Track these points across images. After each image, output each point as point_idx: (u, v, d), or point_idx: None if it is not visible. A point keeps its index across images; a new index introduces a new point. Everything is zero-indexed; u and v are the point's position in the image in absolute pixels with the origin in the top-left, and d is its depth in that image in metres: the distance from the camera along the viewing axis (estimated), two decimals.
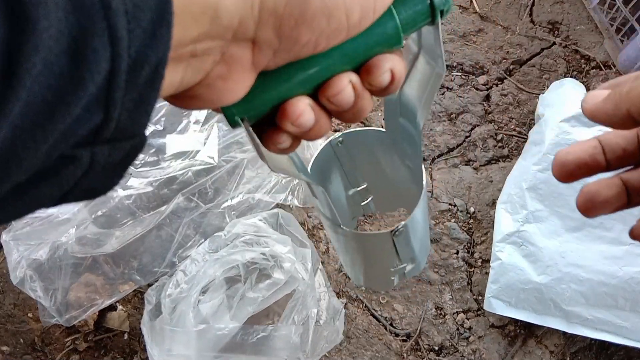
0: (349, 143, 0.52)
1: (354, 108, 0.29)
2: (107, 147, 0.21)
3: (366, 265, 0.55)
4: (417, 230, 0.50)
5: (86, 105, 0.19)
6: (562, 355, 1.08)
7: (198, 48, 0.22)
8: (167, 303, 0.91)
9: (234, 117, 0.28)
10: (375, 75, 0.28)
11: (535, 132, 1.14)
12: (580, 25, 1.36)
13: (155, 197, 1.06)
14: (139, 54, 0.19)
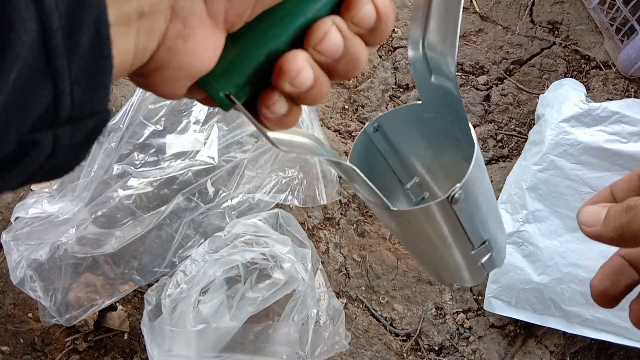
0: (386, 128, 0.45)
1: (346, 55, 0.26)
2: (68, 128, 0.20)
3: (439, 252, 0.45)
4: (480, 196, 0.41)
5: (25, 73, 0.17)
6: (562, 355, 1.08)
7: (143, 4, 0.20)
8: (167, 303, 0.91)
9: (219, 94, 0.25)
10: (356, 10, 0.25)
11: (535, 132, 1.14)
12: (580, 25, 1.36)
13: (155, 197, 1.06)
14: (70, 14, 0.18)
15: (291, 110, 0.27)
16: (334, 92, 1.30)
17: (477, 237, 0.42)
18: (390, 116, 0.44)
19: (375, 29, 0.26)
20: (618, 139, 1.05)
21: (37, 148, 0.19)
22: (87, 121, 0.20)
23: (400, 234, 0.45)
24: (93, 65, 0.19)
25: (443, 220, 0.39)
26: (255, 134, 1.12)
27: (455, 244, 0.43)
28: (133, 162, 1.06)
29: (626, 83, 1.28)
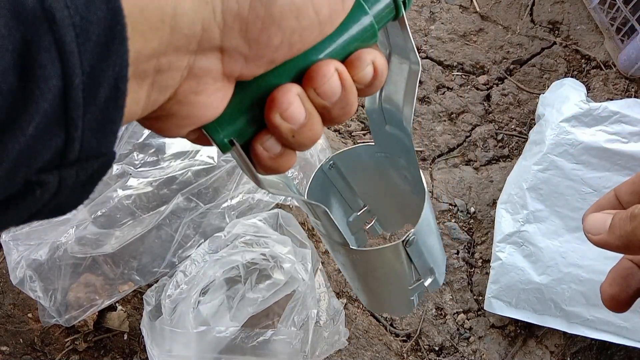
0: (341, 165, 0.49)
1: (341, 101, 0.27)
2: (74, 169, 0.20)
3: (382, 287, 0.50)
4: (429, 236, 0.46)
5: (42, 124, 0.18)
6: (563, 355, 1.08)
7: (162, 62, 0.21)
8: (167, 304, 0.91)
9: (223, 140, 0.26)
10: (358, 69, 0.27)
11: (536, 132, 1.14)
12: (581, 25, 1.36)
13: (154, 197, 1.06)
14: (93, 69, 0.18)
15: (284, 154, 0.28)
16: None
17: (424, 268, 0.47)
18: (345, 155, 0.49)
19: (370, 85, 0.28)
20: (618, 139, 1.05)
21: (42, 188, 0.20)
22: (93, 162, 0.21)
23: (353, 272, 0.48)
24: (106, 115, 0.20)
25: (396, 259, 0.44)
26: None
27: (404, 277, 0.47)
28: (132, 162, 1.06)
29: (626, 83, 1.28)
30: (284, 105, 0.25)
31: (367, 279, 0.48)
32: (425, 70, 1.32)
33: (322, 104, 0.27)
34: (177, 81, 0.22)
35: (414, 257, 0.44)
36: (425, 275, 0.48)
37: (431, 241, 0.47)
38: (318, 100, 0.26)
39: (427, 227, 0.45)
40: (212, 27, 0.21)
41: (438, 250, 0.51)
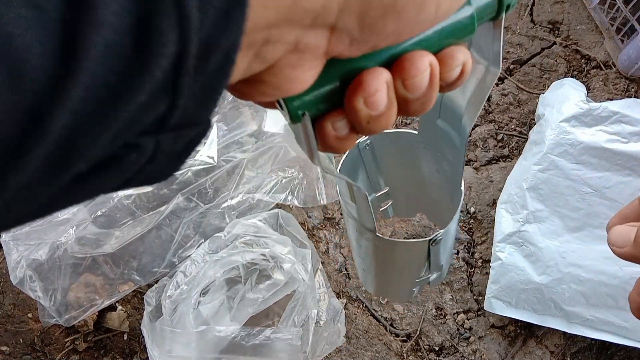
0: (376, 145, 0.49)
1: (424, 96, 0.25)
2: (172, 135, 0.20)
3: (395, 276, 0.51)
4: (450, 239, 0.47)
5: (152, 91, 0.18)
6: (563, 355, 1.08)
7: (273, 34, 0.20)
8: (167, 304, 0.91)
9: (297, 112, 0.25)
10: (449, 67, 0.26)
11: (536, 132, 1.14)
12: (581, 25, 1.36)
13: (154, 197, 1.06)
14: (209, 38, 0.18)
15: (349, 137, 0.27)
16: None
17: (436, 265, 0.48)
18: (384, 136, 0.48)
19: (451, 84, 0.27)
20: (618, 139, 1.05)
21: (139, 152, 0.19)
22: (190, 130, 0.20)
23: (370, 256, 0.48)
24: (211, 83, 0.19)
25: (417, 254, 0.45)
26: (254, 134, 1.11)
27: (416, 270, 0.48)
28: (195, 148, 1.06)
29: (626, 83, 1.28)
30: (371, 90, 0.24)
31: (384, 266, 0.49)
32: None
33: (404, 96, 0.25)
34: (281, 54, 0.21)
35: (433, 254, 0.45)
36: (434, 271, 0.49)
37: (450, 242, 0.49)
38: (402, 91, 0.25)
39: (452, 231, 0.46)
40: (332, 5, 0.20)
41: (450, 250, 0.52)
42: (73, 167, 0.18)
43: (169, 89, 0.18)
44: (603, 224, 1.05)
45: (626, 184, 1.04)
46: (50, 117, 0.16)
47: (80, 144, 0.17)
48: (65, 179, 0.18)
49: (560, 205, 1.07)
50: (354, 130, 0.26)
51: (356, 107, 0.25)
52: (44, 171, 0.17)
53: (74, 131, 0.16)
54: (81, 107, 0.16)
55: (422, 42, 0.25)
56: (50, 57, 0.15)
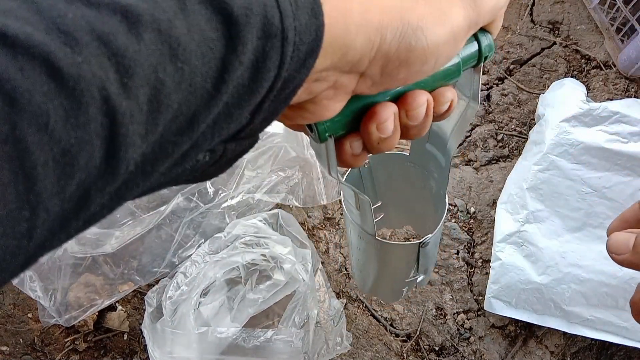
0: (373, 164, 0.57)
1: (421, 124, 0.33)
2: (235, 143, 0.26)
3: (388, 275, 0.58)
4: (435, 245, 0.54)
5: (249, 110, 0.23)
6: (563, 355, 1.08)
7: (322, 75, 0.27)
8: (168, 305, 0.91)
9: (326, 134, 0.32)
10: (440, 103, 0.33)
11: (536, 132, 1.14)
12: (581, 25, 1.36)
13: (154, 197, 1.06)
14: (290, 76, 0.24)
15: (361, 155, 0.34)
16: None
17: (423, 267, 0.55)
18: (380, 157, 0.56)
19: (442, 116, 0.34)
20: (618, 139, 1.05)
21: (212, 154, 0.25)
22: (246, 141, 0.26)
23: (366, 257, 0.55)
24: (278, 108, 0.25)
25: (408, 256, 0.52)
26: None
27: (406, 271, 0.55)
28: None
29: (626, 83, 1.28)
30: (382, 118, 0.31)
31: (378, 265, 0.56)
32: None
33: (406, 123, 0.33)
34: (323, 89, 0.28)
35: (421, 256, 0.52)
36: (421, 272, 0.56)
37: (435, 249, 0.56)
38: (405, 120, 0.33)
39: (438, 236, 0.53)
40: (365, 58, 0.27)
41: (434, 256, 0.60)
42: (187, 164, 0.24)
43: (253, 108, 0.24)
44: (603, 224, 1.05)
45: (626, 184, 1.04)
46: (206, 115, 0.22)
47: (205, 140, 0.23)
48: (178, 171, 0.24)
49: (560, 205, 1.07)
50: (365, 150, 0.34)
51: (370, 131, 0.32)
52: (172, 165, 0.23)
53: (206, 134, 0.23)
54: (214, 120, 0.22)
55: (421, 84, 0.33)
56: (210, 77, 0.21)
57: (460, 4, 0.30)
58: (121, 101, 0.19)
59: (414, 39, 0.28)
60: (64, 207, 0.19)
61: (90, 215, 0.20)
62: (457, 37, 0.30)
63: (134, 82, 0.19)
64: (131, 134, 0.19)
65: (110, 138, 0.19)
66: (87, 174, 0.19)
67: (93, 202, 0.20)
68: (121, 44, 0.19)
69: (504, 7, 0.34)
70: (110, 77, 0.19)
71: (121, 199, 0.21)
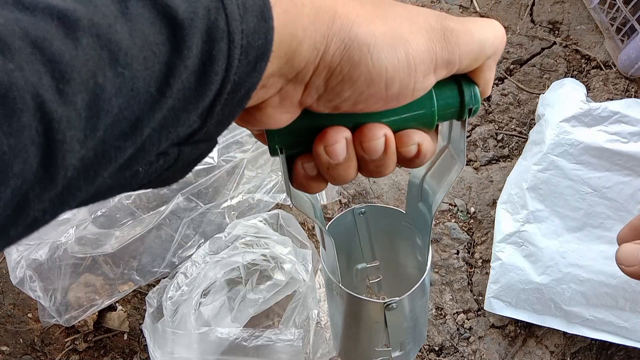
0: (370, 216, 0.53)
1: (378, 161, 0.31)
2: (190, 147, 0.25)
3: (352, 335, 0.54)
4: (413, 312, 0.49)
5: (197, 113, 0.23)
6: (563, 355, 1.08)
7: (269, 81, 0.26)
8: (168, 306, 0.91)
9: (275, 146, 0.31)
10: (404, 144, 0.32)
11: (536, 132, 1.14)
12: (581, 25, 1.36)
13: (154, 197, 1.06)
14: (240, 80, 0.24)
15: (316, 179, 0.33)
16: None
17: (396, 338, 0.50)
18: (378, 209, 0.53)
19: (410, 161, 0.32)
20: (618, 139, 1.05)
21: (166, 158, 0.25)
22: (203, 145, 0.26)
23: (334, 310, 0.51)
24: (232, 111, 0.25)
25: (373, 316, 0.48)
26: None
27: (375, 336, 0.50)
28: None
29: (626, 83, 1.28)
30: (330, 141, 0.30)
31: (343, 321, 0.52)
32: None
33: (362, 156, 0.31)
34: (269, 96, 0.28)
35: (390, 323, 0.47)
36: (395, 346, 0.51)
37: (413, 319, 0.50)
38: (360, 152, 0.31)
39: (412, 304, 0.48)
40: (310, 66, 0.27)
41: (418, 333, 0.54)
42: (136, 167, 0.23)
43: (205, 113, 0.24)
44: (603, 224, 1.05)
45: (626, 184, 1.04)
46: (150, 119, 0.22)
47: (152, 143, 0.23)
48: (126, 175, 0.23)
49: (560, 205, 1.07)
50: (321, 175, 0.32)
51: (318, 152, 0.31)
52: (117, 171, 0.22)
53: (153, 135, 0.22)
54: (161, 122, 0.22)
55: (383, 118, 0.31)
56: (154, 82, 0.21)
57: (425, 34, 0.28)
58: (56, 107, 0.18)
59: (357, 54, 0.27)
60: None
61: (31, 221, 0.20)
62: (414, 67, 0.28)
63: (70, 88, 0.19)
64: (69, 140, 0.19)
65: (46, 145, 0.19)
66: (23, 180, 0.18)
67: (32, 208, 0.19)
68: (57, 50, 0.19)
69: (492, 58, 0.31)
70: (45, 84, 0.18)
71: (64, 204, 0.21)
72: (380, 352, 0.52)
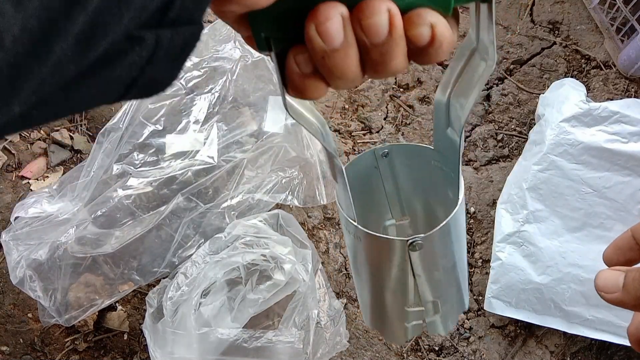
0: (395, 157, 0.44)
1: (382, 46, 0.25)
2: (169, 31, 0.22)
3: (378, 292, 0.45)
4: (445, 259, 0.41)
5: None
6: (563, 355, 1.08)
7: None
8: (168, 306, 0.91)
9: (261, 34, 0.27)
10: (414, 25, 0.26)
11: (536, 132, 1.14)
12: (581, 25, 1.36)
13: (154, 197, 1.06)
14: None
15: (313, 77, 0.27)
16: (333, 92, 1.30)
17: (427, 295, 0.42)
18: (403, 148, 0.44)
19: (424, 50, 0.27)
20: (618, 139, 1.05)
21: (141, 44, 0.21)
22: (185, 29, 0.23)
23: (355, 254, 0.44)
24: None
25: (397, 258, 0.39)
26: (254, 134, 1.11)
27: (401, 290, 0.42)
28: (133, 162, 1.06)
29: (626, 83, 1.28)
30: (322, 18, 0.25)
31: (369, 274, 0.44)
32: (425, 70, 1.32)
33: (362, 40, 0.26)
34: None
35: (417, 268, 0.40)
36: (427, 305, 0.43)
37: (445, 269, 0.42)
38: (360, 33, 0.25)
39: (443, 246, 0.40)
40: None
41: (453, 289, 0.45)
42: (95, 43, 0.20)
43: None
44: (603, 224, 1.05)
45: (626, 184, 1.04)
46: None
47: (104, 22, 0.19)
48: (90, 59, 0.20)
49: (560, 205, 1.07)
50: (318, 73, 0.27)
51: (310, 35, 0.25)
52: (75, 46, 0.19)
53: (100, 11, 0.19)
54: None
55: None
56: None
57: None
58: None
59: None
60: None
61: None
62: None
63: None
64: None
65: None
66: None
67: None
68: None
69: None
70: None
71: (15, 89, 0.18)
72: (411, 315, 0.44)
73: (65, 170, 1.20)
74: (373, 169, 0.44)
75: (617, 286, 0.33)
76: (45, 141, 1.23)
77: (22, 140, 1.23)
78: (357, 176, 0.43)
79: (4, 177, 1.19)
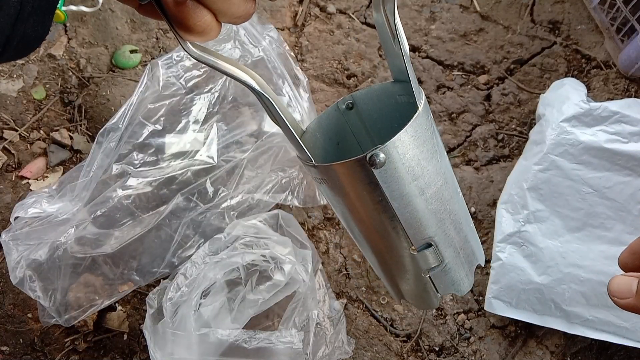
0: (360, 107, 0.41)
1: None
2: None
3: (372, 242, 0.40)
4: (422, 177, 0.35)
5: None
6: (563, 355, 1.08)
7: None
8: (168, 307, 0.91)
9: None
10: None
11: (536, 132, 1.14)
12: (581, 25, 1.35)
13: (154, 197, 1.05)
14: None
15: (191, 6, 0.27)
16: (333, 92, 1.30)
17: (413, 229, 0.36)
18: (365, 94, 0.41)
19: None
20: (619, 139, 1.05)
21: (7, 3, 0.22)
22: None
23: (334, 204, 0.39)
24: None
25: (367, 188, 0.34)
26: (254, 134, 1.11)
27: (389, 226, 0.37)
28: (132, 162, 1.06)
29: (627, 83, 1.28)
30: None
31: (353, 222, 0.39)
32: (425, 70, 1.32)
33: None
34: None
35: (390, 194, 0.34)
36: (418, 244, 0.37)
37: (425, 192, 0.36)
38: None
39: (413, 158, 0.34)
40: None
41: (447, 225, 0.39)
42: None
43: None
44: (603, 224, 1.05)
45: (626, 184, 1.04)
46: None
47: None
48: None
49: (561, 205, 1.07)
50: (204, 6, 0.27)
51: None
52: None
53: None
54: None
55: None
56: None
57: None
58: None
59: None
60: None
61: None
62: None
63: None
64: None
65: None
66: None
67: None
68: None
69: None
70: None
71: None
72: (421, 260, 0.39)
73: (64, 170, 1.20)
74: (342, 126, 0.42)
75: (631, 292, 0.34)
76: (45, 141, 1.22)
77: (22, 140, 1.23)
78: (326, 132, 0.41)
79: (3, 177, 1.19)
